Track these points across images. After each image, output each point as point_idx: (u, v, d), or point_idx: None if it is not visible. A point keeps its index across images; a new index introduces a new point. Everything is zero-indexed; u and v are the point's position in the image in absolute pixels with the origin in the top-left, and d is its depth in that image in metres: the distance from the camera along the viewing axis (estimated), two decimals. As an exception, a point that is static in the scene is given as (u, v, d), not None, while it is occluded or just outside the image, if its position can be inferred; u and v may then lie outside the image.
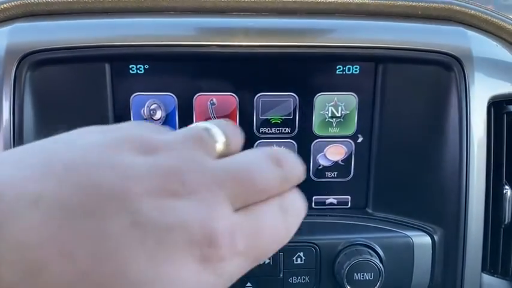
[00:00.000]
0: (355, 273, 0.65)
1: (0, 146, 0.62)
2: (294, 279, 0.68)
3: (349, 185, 0.74)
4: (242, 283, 0.67)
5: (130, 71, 0.67)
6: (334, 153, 0.73)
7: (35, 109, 0.64)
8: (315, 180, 0.73)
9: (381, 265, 0.66)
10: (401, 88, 0.69)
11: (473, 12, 0.72)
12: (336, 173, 0.73)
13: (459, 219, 0.67)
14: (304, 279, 0.68)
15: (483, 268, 0.71)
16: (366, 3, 0.71)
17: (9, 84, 0.62)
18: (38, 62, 0.63)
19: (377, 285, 0.66)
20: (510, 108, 0.70)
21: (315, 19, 0.69)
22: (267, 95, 0.70)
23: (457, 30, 0.71)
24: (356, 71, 0.69)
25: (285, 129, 0.71)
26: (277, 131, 0.71)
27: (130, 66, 0.66)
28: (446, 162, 0.68)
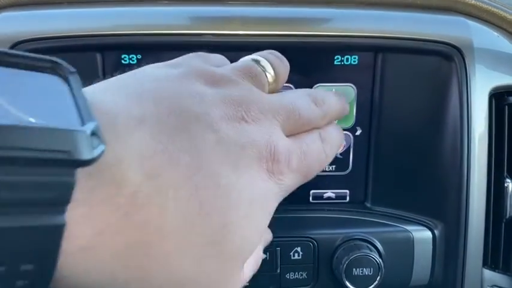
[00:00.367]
0: (354, 269, 0.64)
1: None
2: (291, 275, 0.66)
3: (347, 178, 0.72)
4: (238, 279, 0.65)
5: (123, 61, 0.65)
6: (332, 146, 0.71)
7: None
8: (313, 174, 0.72)
9: (380, 260, 0.64)
10: (401, 79, 0.68)
11: (474, 2, 0.71)
12: (334, 166, 0.72)
13: (460, 214, 0.66)
14: (301, 275, 0.66)
15: (484, 263, 0.69)
16: (365, -7, 0.69)
17: None
18: (28, 52, 0.61)
19: (376, 281, 0.64)
20: (511, 99, 0.69)
21: (312, 8, 0.68)
22: (264, 87, 0.68)
23: (457, 20, 0.69)
24: (355, 61, 0.67)
25: None
26: None
27: (123, 56, 0.65)
28: (447, 155, 0.67)
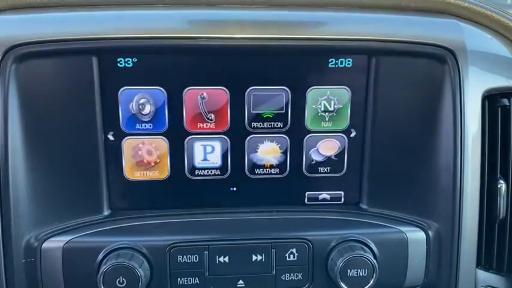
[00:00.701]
0: (349, 270, 0.64)
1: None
2: (286, 276, 0.67)
3: (342, 180, 0.73)
4: (234, 281, 0.66)
5: (118, 64, 0.65)
6: (327, 148, 0.72)
7: (20, 102, 0.62)
8: (308, 175, 0.72)
9: (374, 261, 0.65)
10: (395, 81, 0.68)
11: (467, 4, 0.71)
12: (329, 168, 0.72)
13: (454, 214, 0.67)
14: (297, 276, 0.67)
15: (478, 264, 0.70)
16: (359, -4, 0.70)
17: None
18: (23, 56, 0.62)
19: (371, 282, 0.65)
20: (504, 101, 0.69)
21: (307, 11, 0.68)
22: (259, 89, 0.68)
23: (451, 22, 0.70)
24: (349, 64, 0.68)
25: (277, 124, 0.70)
26: (269, 125, 0.70)
27: (118, 60, 0.65)
28: (441, 156, 0.67)
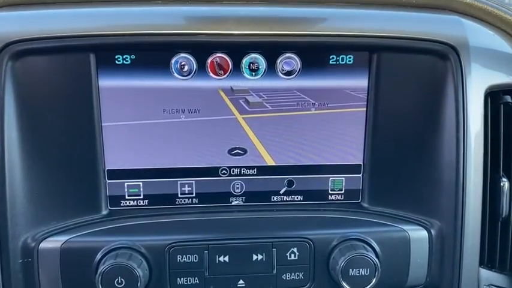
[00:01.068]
0: (351, 269, 0.64)
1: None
2: (287, 276, 0.66)
3: (344, 178, 0.72)
4: (234, 281, 0.65)
5: (116, 61, 0.64)
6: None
7: (16, 100, 0.61)
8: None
9: (376, 260, 0.64)
10: (396, 79, 0.68)
11: (469, 1, 0.71)
12: (330, 166, 0.72)
13: (456, 213, 0.66)
14: (298, 276, 0.66)
15: (480, 262, 0.69)
16: (360, -8, 0.69)
17: None
18: (20, 52, 0.61)
19: (373, 281, 0.64)
20: (507, 98, 0.68)
21: (307, 7, 0.67)
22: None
23: (453, 19, 0.69)
24: (350, 61, 0.67)
25: None
26: None
27: (116, 57, 0.64)
28: (443, 154, 0.66)
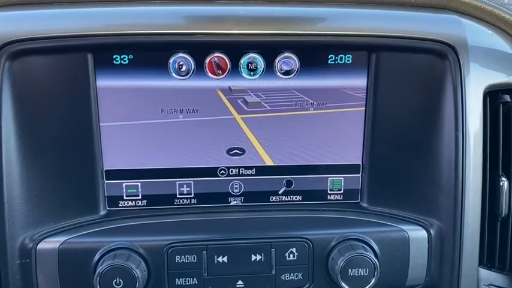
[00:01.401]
0: (350, 269, 0.63)
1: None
2: (286, 276, 0.66)
3: (343, 178, 0.72)
4: (233, 281, 0.65)
5: (114, 61, 0.64)
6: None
7: (14, 100, 0.61)
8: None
9: (376, 260, 0.64)
10: (395, 78, 0.67)
11: (467, 0, 0.70)
12: (329, 166, 0.71)
13: (455, 212, 0.66)
14: (297, 276, 0.66)
15: (480, 262, 0.69)
16: (359, -9, 0.69)
17: None
18: (17, 53, 0.61)
19: (372, 281, 0.64)
20: (506, 98, 0.68)
21: (305, 7, 0.67)
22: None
23: (451, 18, 0.69)
24: (348, 60, 0.67)
25: None
26: None
27: (114, 57, 0.64)
28: (442, 153, 0.66)
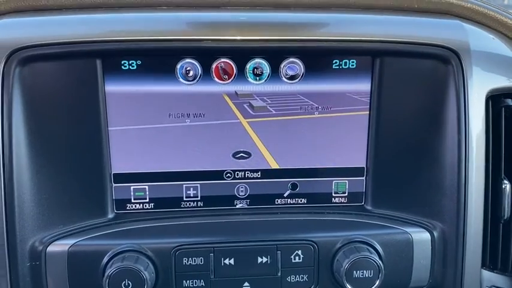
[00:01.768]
0: (355, 271, 0.64)
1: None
2: (292, 278, 0.67)
3: (347, 181, 0.73)
4: (240, 283, 0.66)
5: (123, 67, 0.65)
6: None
7: (24, 105, 0.62)
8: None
9: (380, 262, 0.65)
10: (399, 83, 0.68)
11: (469, 5, 0.71)
12: (333, 169, 0.72)
13: (458, 215, 0.67)
14: (302, 278, 0.67)
15: (483, 264, 0.70)
16: (362, -3, 0.70)
17: None
18: (27, 58, 0.61)
19: (377, 283, 0.65)
20: (508, 101, 0.69)
21: (310, 13, 0.68)
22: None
23: (454, 23, 0.70)
24: (353, 65, 0.68)
25: None
26: None
27: (123, 62, 0.65)
28: (445, 156, 0.67)
